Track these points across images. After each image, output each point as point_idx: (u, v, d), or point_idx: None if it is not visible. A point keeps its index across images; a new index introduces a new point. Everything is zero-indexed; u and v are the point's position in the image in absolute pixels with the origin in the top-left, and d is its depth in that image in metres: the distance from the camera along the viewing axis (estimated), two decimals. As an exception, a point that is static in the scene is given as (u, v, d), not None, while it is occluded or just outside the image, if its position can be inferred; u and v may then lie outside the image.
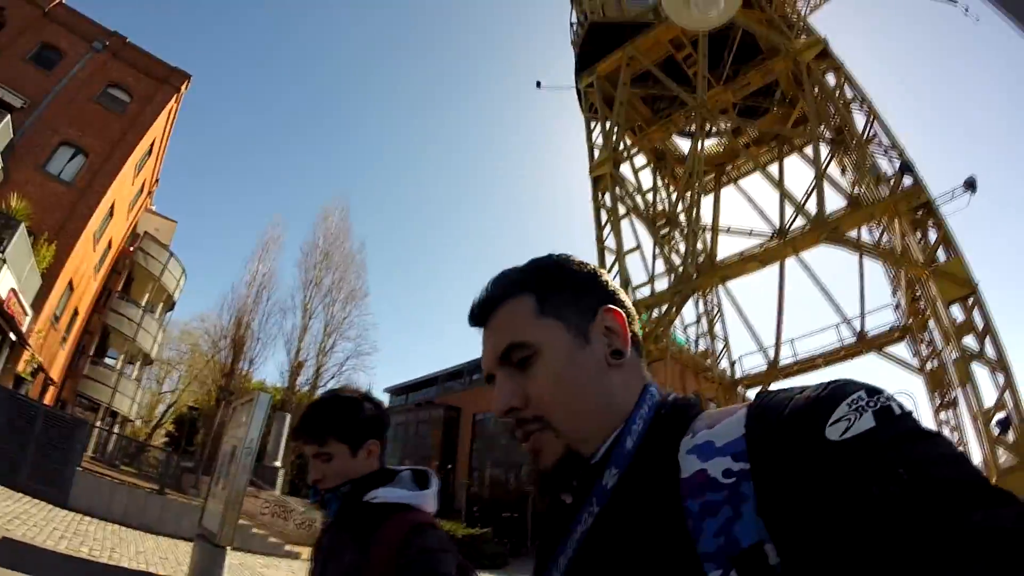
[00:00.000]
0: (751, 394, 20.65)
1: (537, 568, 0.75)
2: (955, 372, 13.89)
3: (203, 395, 30.59)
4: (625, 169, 18.39)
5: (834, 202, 20.78)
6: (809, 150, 18.60)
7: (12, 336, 15.84)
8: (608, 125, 17.98)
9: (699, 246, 17.17)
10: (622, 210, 17.21)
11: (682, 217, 17.21)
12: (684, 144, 20.93)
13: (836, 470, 0.52)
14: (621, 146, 17.96)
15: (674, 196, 19.31)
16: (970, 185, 15.07)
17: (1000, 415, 12.86)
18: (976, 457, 13.12)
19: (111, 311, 26.84)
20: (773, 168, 20.46)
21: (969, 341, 13.29)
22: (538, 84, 20.99)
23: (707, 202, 19.36)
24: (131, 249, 27.41)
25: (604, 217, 17.08)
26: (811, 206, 16.26)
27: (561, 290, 0.80)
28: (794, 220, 18.23)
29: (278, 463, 21.31)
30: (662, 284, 17.08)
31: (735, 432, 0.62)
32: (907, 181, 14.54)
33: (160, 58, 24.18)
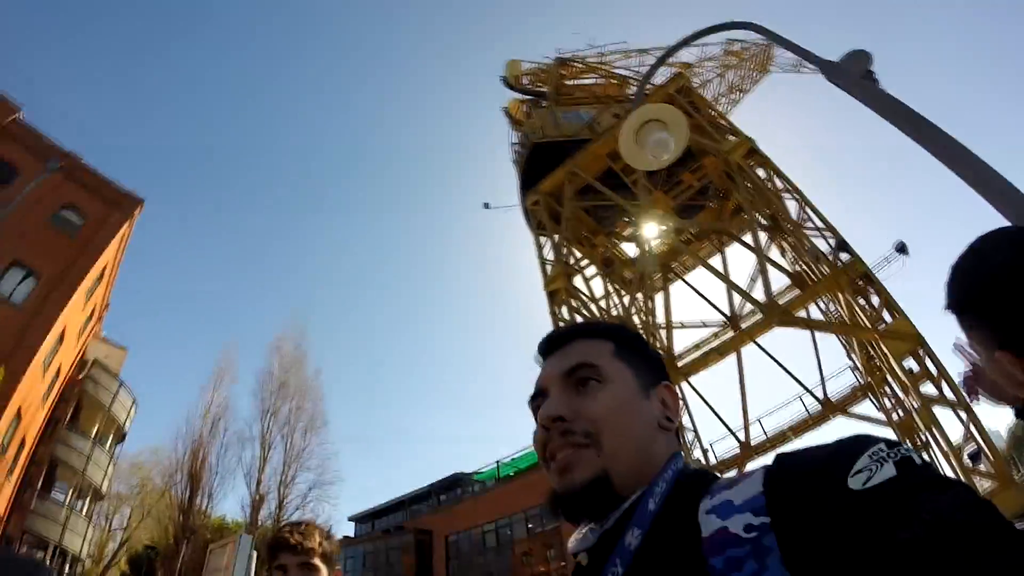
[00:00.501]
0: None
1: None
2: (920, 418, 14.31)
3: (159, 532, 28.95)
4: (578, 280, 19.01)
5: (777, 279, 21.81)
6: (748, 237, 19.72)
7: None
8: (557, 239, 18.70)
9: (656, 345, 17.64)
10: (579, 319, 17.64)
11: (636, 319, 17.73)
12: (629, 248, 21.84)
13: (861, 518, 0.54)
14: (572, 260, 18.68)
15: (626, 300, 19.96)
16: (901, 249, 16.14)
17: (970, 448, 13.26)
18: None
19: (59, 442, 25.65)
20: (717, 260, 21.44)
21: (927, 388, 13.79)
22: (486, 205, 22.01)
23: (658, 300, 20.03)
24: (80, 378, 26.55)
25: None
26: (757, 290, 17.09)
27: (634, 350, 0.89)
28: (744, 306, 19.04)
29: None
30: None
31: (753, 490, 0.63)
32: (844, 256, 15.39)
33: (113, 181, 24.14)
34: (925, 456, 0.61)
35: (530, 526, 27.55)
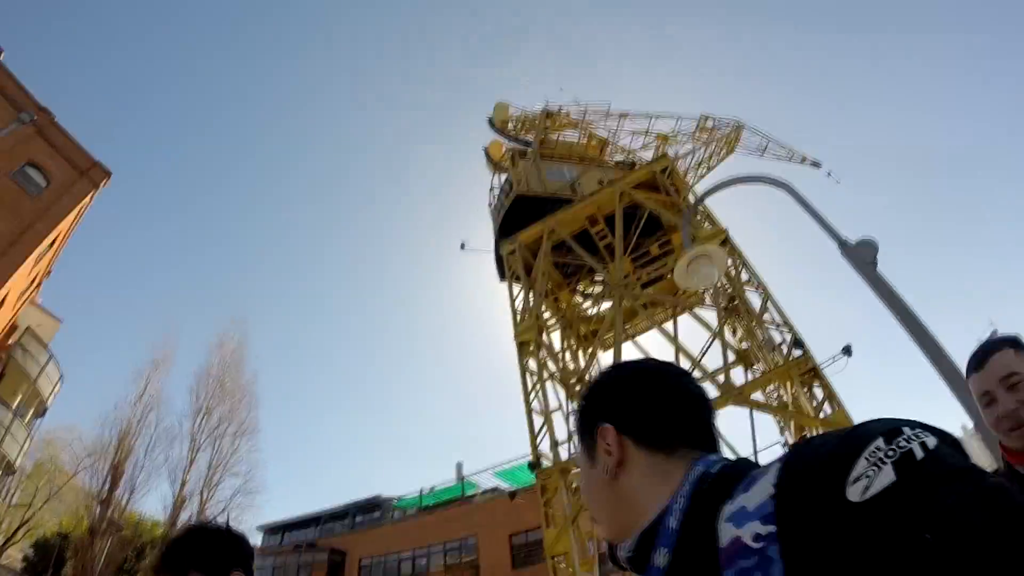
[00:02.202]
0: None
1: None
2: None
3: (70, 519, 27.58)
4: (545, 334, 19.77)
5: (717, 355, 23.15)
6: (699, 310, 21.00)
7: None
8: (531, 293, 19.44)
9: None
10: (545, 372, 18.30)
11: (593, 374, 18.57)
12: (585, 303, 22.83)
13: (860, 534, 0.51)
14: (546, 314, 19.48)
15: (579, 355, 20.81)
16: (847, 351, 17.66)
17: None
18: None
19: (-26, 409, 24.37)
20: (668, 326, 22.59)
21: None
22: (462, 246, 22.49)
23: (610, 357, 20.92)
24: (9, 344, 25.40)
25: (530, 381, 18.03)
26: (707, 362, 18.15)
27: (580, 417, 0.96)
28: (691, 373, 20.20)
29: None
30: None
31: (766, 493, 0.62)
32: (796, 352, 16.66)
33: (85, 148, 23.22)
34: (930, 439, 0.56)
35: (447, 560, 27.64)
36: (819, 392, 16.12)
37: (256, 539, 35.05)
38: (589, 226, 19.54)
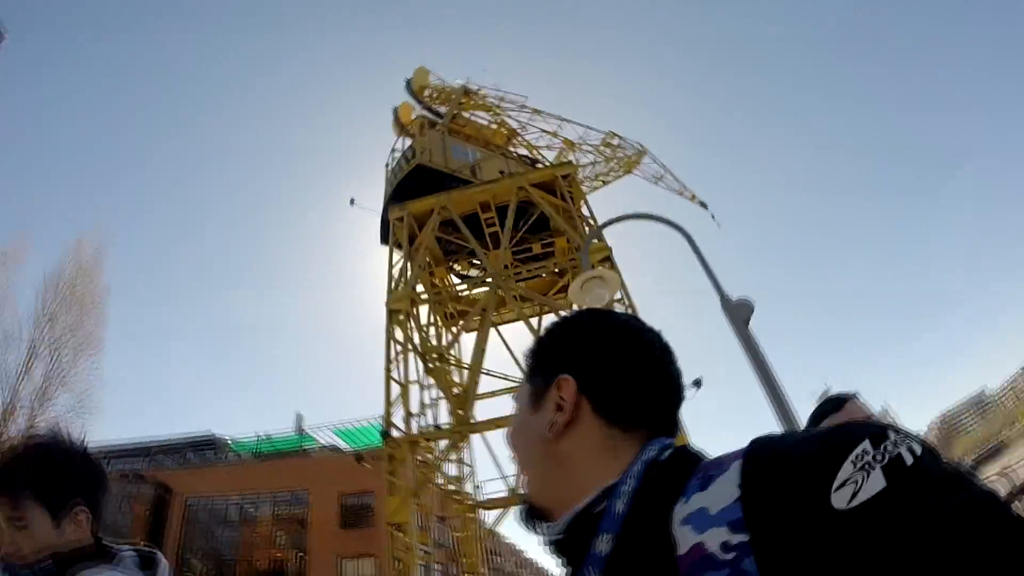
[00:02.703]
0: (492, 516, 20.32)
1: None
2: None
3: None
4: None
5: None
6: (565, 313, 22.00)
7: None
8: (410, 264, 19.59)
9: (458, 380, 19.18)
10: (410, 344, 18.45)
11: (453, 352, 19.10)
12: (460, 284, 23.38)
13: (849, 544, 0.49)
14: (419, 287, 19.72)
15: (443, 332, 21.30)
16: (697, 383, 19.26)
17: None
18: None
19: None
20: (534, 321, 23.51)
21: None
22: (351, 201, 22.23)
23: (469, 340, 21.55)
24: None
25: (394, 350, 18.08)
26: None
27: (538, 352, 0.87)
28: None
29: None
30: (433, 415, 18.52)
31: (729, 495, 0.57)
32: None
33: None
34: (915, 445, 0.53)
35: (276, 510, 27.39)
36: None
37: (73, 463, 32.58)
38: (480, 211, 19.97)
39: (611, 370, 0.79)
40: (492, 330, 24.18)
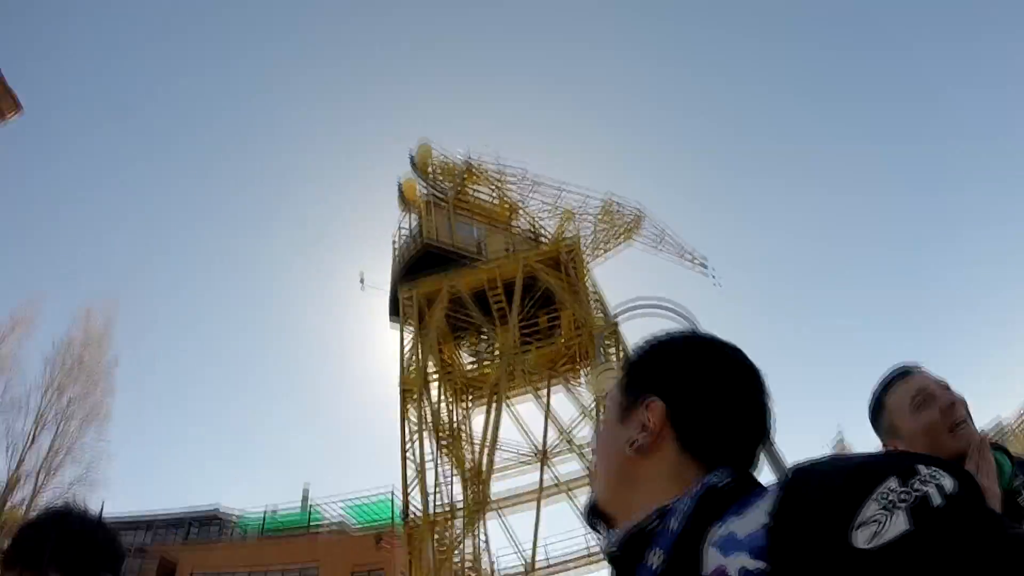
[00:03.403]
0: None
1: None
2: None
3: None
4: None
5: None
6: (573, 384, 22.24)
7: None
8: (420, 344, 19.91)
9: (470, 458, 19.25)
10: (424, 424, 18.71)
11: (463, 429, 19.22)
12: (468, 359, 23.65)
13: None
14: (431, 367, 20.03)
15: (454, 409, 21.47)
16: None
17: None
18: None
19: None
20: (542, 393, 23.60)
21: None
22: (361, 281, 22.78)
23: (480, 417, 21.62)
24: None
25: (409, 431, 18.33)
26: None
27: (636, 367, 0.88)
28: (557, 444, 21.35)
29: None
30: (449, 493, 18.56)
31: (758, 522, 0.57)
32: None
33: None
34: (947, 481, 0.50)
35: (285, 587, 26.84)
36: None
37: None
38: (488, 288, 20.41)
39: (702, 405, 0.78)
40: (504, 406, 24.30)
